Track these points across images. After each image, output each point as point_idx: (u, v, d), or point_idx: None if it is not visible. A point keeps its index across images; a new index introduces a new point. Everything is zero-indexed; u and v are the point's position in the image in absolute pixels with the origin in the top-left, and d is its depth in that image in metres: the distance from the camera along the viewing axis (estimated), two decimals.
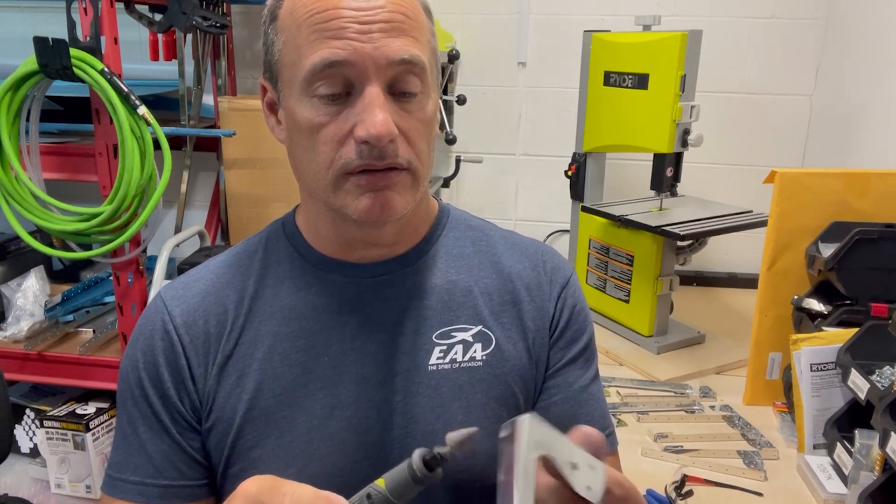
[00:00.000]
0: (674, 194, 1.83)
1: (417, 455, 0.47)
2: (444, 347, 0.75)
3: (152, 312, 0.77)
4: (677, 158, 1.71)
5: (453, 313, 0.77)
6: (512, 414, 0.75)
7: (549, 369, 0.80)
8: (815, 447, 1.23)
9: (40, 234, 1.74)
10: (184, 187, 2.20)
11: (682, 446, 1.29)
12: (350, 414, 0.72)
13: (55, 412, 1.82)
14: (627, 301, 1.77)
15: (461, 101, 2.08)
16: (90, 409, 1.83)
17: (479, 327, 0.77)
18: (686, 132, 1.63)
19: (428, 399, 0.73)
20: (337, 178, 0.68)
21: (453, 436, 0.49)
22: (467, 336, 0.76)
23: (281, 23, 0.69)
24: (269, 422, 0.72)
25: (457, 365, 0.75)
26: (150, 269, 1.82)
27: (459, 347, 0.76)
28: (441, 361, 0.75)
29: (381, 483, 0.48)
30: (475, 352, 0.76)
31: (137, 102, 1.53)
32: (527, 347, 0.79)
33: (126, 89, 1.52)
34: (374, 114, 0.64)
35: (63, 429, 1.80)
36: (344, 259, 0.77)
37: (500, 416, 0.75)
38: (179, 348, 0.74)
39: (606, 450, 0.58)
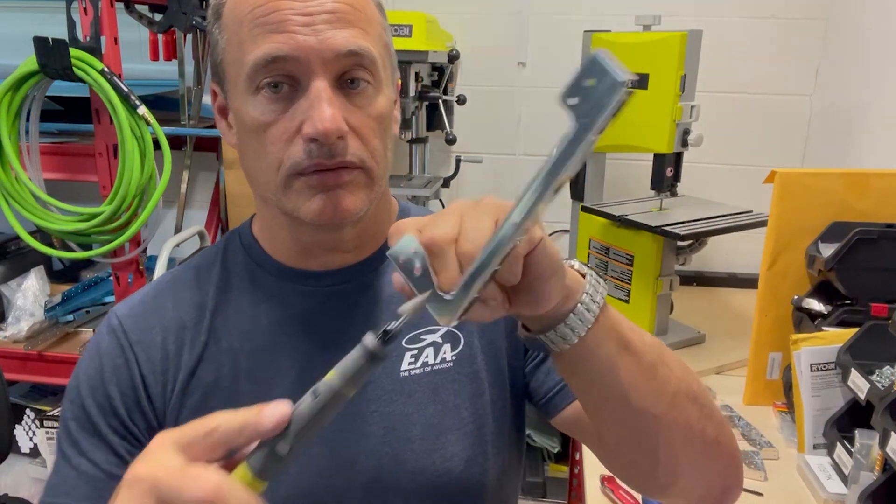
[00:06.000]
0: (674, 194, 1.82)
1: (370, 336, 0.46)
2: (415, 352, 0.73)
3: (106, 331, 0.73)
4: (677, 158, 1.71)
5: (421, 316, 0.76)
6: (481, 410, 0.74)
7: None
8: (815, 447, 1.23)
9: (40, 234, 1.75)
10: (184, 187, 2.21)
11: None
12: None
13: (55, 412, 1.82)
14: (627, 301, 1.77)
15: (461, 101, 2.07)
16: None
17: (447, 326, 0.75)
18: (686, 132, 1.63)
19: (403, 405, 0.71)
20: (287, 179, 0.64)
21: (406, 307, 0.47)
22: (436, 337, 0.73)
23: (224, 20, 0.66)
24: None
25: (429, 368, 0.73)
26: (150, 269, 1.82)
27: (430, 350, 0.73)
28: (413, 367, 0.72)
29: (330, 375, 0.46)
30: (445, 353, 0.73)
31: (137, 102, 1.53)
32: (499, 329, 0.76)
33: (126, 89, 1.52)
34: (322, 109, 0.61)
35: None
36: (305, 268, 0.74)
37: (474, 415, 0.73)
38: (135, 366, 0.70)
39: None
